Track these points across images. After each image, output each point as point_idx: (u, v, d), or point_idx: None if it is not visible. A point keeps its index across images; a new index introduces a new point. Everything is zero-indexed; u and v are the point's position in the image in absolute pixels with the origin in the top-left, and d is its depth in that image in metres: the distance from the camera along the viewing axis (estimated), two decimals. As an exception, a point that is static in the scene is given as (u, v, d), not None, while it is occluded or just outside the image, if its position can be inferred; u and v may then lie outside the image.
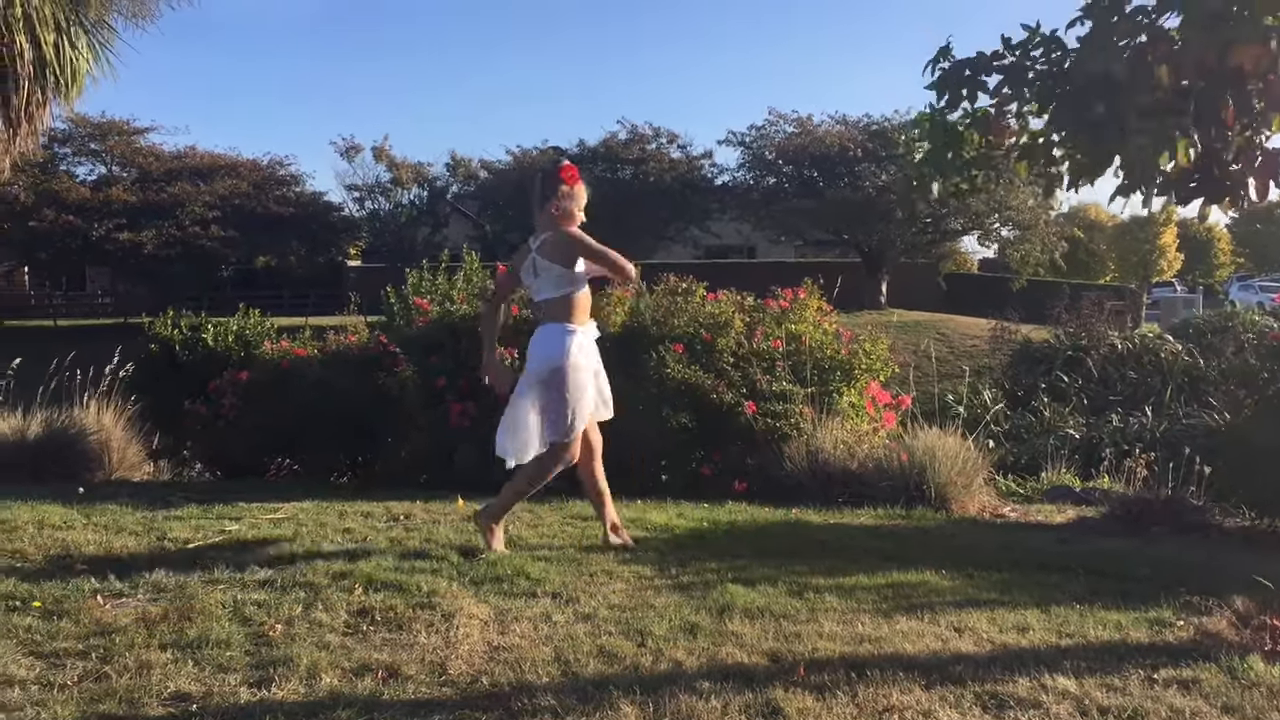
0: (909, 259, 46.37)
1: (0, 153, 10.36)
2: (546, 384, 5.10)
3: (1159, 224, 54.45)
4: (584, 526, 5.89)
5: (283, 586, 4.37)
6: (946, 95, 5.05)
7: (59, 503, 6.31)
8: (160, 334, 10.64)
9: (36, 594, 4.17)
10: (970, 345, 31.13)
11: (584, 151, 46.15)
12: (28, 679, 3.34)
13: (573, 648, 3.74)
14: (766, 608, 4.30)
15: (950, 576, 5.01)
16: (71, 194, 40.54)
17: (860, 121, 44.14)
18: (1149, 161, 4.45)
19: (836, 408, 7.89)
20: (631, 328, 8.35)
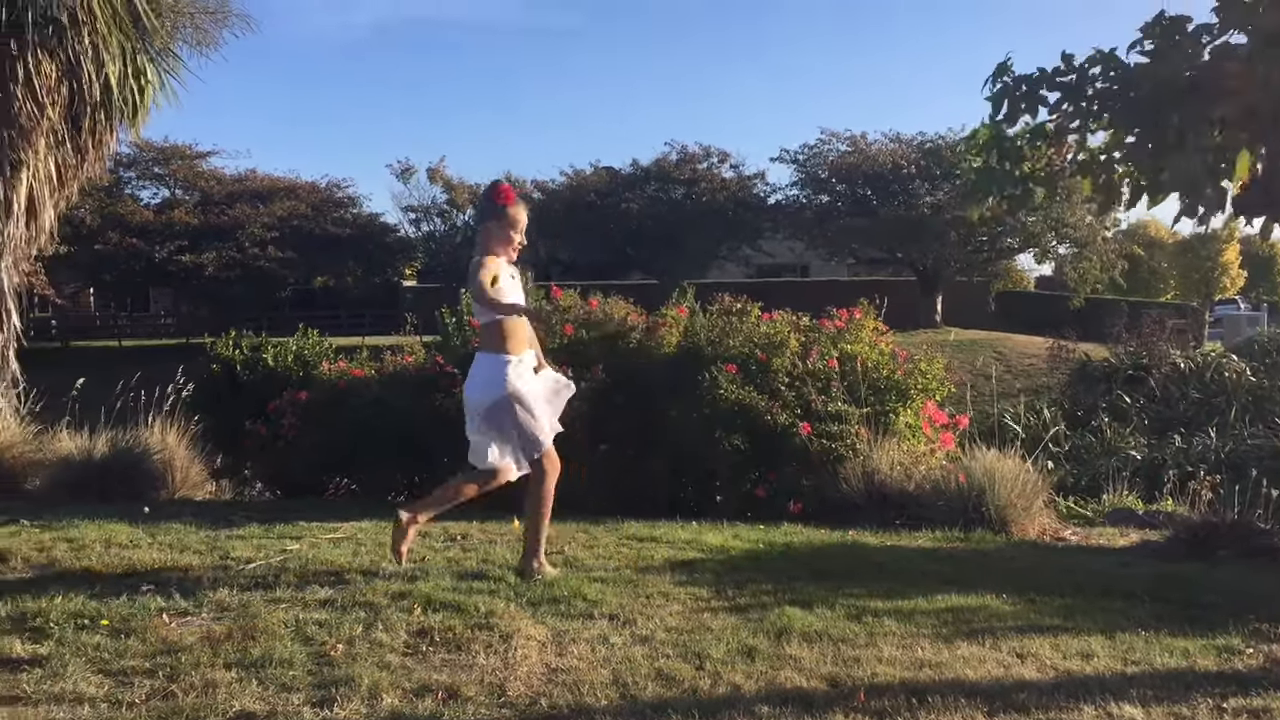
0: (964, 277, 45.94)
1: (69, 178, 10.62)
2: (491, 419, 4.97)
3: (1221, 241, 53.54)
4: (639, 548, 5.89)
5: (343, 606, 4.42)
6: (1005, 109, 5.04)
7: (125, 522, 6.43)
8: (222, 354, 10.82)
9: (104, 612, 4.25)
10: (1028, 364, 30.73)
11: (636, 171, 46.31)
12: (97, 696, 3.40)
13: (631, 670, 3.74)
14: (824, 631, 4.28)
15: (1011, 601, 4.95)
16: (136, 217, 41.42)
17: (914, 139, 43.90)
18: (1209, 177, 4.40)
19: (893, 428, 7.83)
20: (685, 348, 8.35)
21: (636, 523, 6.75)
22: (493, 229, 5.05)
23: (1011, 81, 4.92)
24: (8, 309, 10.33)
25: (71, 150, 10.45)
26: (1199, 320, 39.32)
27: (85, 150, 10.50)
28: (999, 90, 4.94)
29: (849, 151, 44.18)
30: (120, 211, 40.95)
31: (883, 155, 42.99)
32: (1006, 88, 4.94)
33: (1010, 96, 4.89)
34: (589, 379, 7.96)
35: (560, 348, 8.37)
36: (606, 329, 8.54)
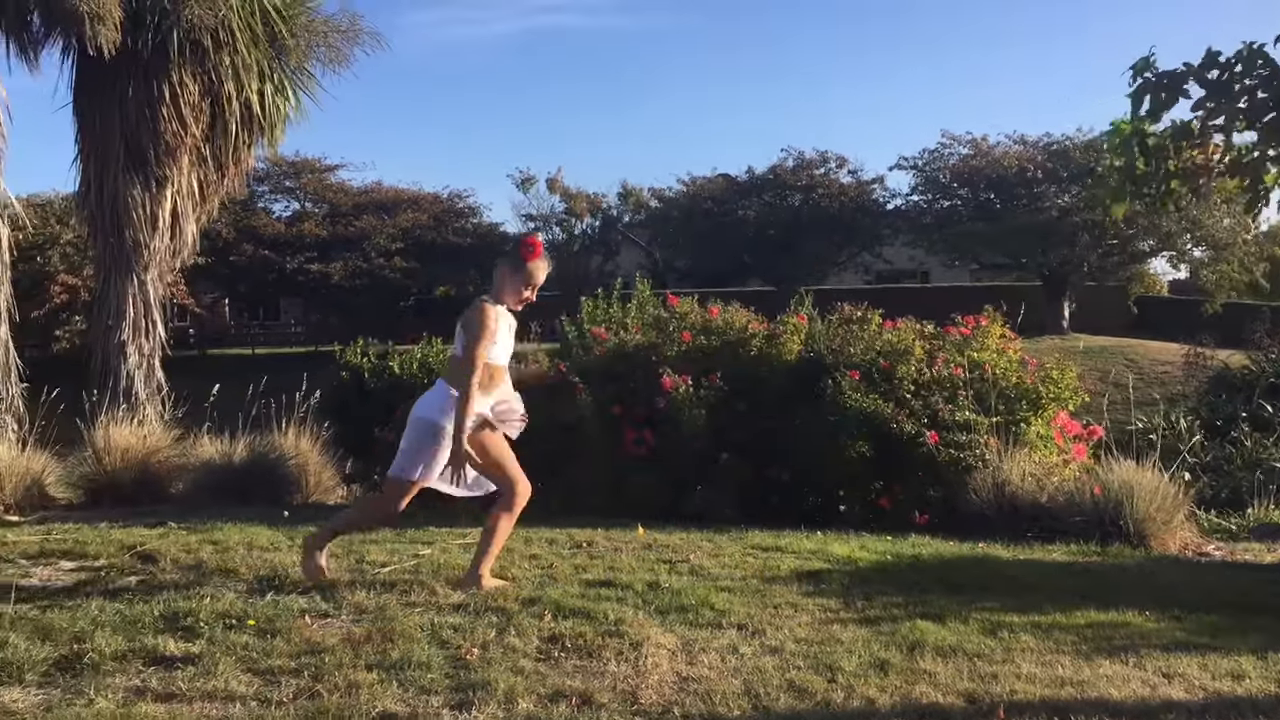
0: (1094, 281, 44.54)
1: (210, 193, 11.11)
2: (413, 429, 4.95)
3: (1371, 241, 50.76)
4: (764, 557, 5.85)
5: (476, 611, 4.50)
6: (1146, 106, 4.87)
7: (265, 525, 6.67)
8: (350, 362, 11.13)
9: (251, 613, 4.41)
10: (1161, 372, 29.64)
11: (753, 178, 46.14)
12: (247, 695, 3.53)
13: (762, 681, 3.72)
14: (959, 646, 4.19)
15: (1154, 618, 4.78)
16: (268, 229, 42.96)
17: (1040, 141, 42.73)
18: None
19: (1023, 438, 7.63)
20: (806, 356, 8.29)
21: (760, 532, 6.72)
22: (509, 275, 5.04)
23: (1154, 77, 4.76)
24: (154, 319, 10.84)
25: (213, 167, 10.93)
26: (1347, 325, 37.38)
27: (225, 166, 10.96)
28: (1139, 86, 4.78)
29: (971, 155, 43.24)
30: (254, 224, 42.52)
31: (1007, 158, 41.94)
32: (1148, 83, 4.77)
33: (1152, 92, 4.72)
34: (708, 386, 7.96)
35: (679, 355, 8.40)
36: (727, 336, 8.53)
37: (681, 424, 7.88)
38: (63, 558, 5.79)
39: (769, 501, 8.07)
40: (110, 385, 10.44)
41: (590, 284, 32.35)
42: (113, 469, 8.63)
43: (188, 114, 10.47)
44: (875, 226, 45.60)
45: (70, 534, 6.51)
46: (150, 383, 10.81)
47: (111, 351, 10.57)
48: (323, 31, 11.22)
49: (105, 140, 10.46)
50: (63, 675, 3.74)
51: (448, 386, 4.96)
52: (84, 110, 10.69)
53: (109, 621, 4.30)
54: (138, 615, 4.40)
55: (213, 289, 45.18)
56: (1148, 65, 4.84)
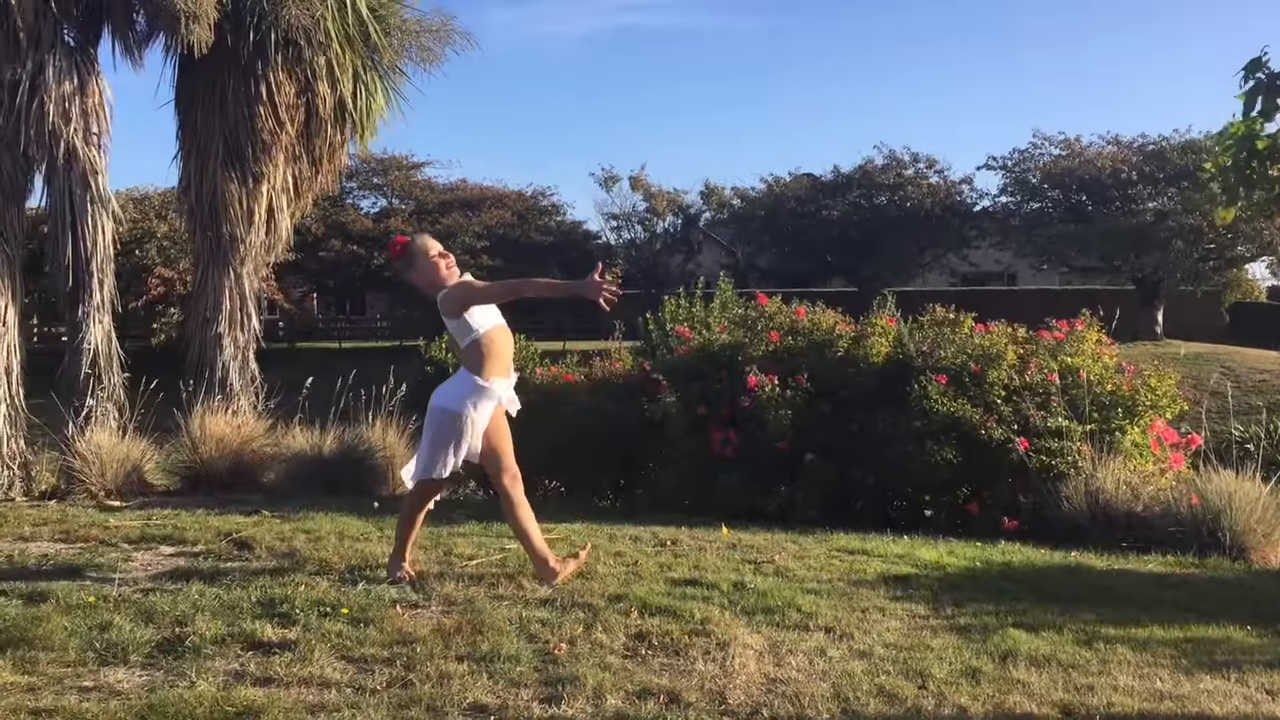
0: (1188, 286, 43.29)
1: (304, 189, 11.33)
2: (438, 424, 4.96)
3: None
4: (850, 560, 5.80)
5: (563, 606, 4.53)
6: (1259, 107, 4.72)
7: (355, 515, 6.79)
8: (434, 357, 11.31)
9: (344, 601, 4.49)
10: (1259, 380, 28.73)
11: (838, 178, 45.68)
12: (342, 681, 3.60)
13: (851, 685, 3.69)
14: (1053, 656, 4.11)
15: (1257, 633, 4.64)
16: (356, 225, 43.65)
17: (1134, 142, 41.60)
18: None
19: (1118, 446, 7.46)
20: (894, 358, 8.19)
21: (845, 535, 6.66)
22: (426, 266, 5.12)
23: (1266, 78, 4.60)
24: (248, 312, 11.08)
25: (307, 163, 11.14)
26: None
27: (319, 163, 11.17)
28: (1251, 87, 4.63)
29: (1063, 155, 42.24)
30: (342, 220, 43.26)
31: (1100, 159, 40.88)
32: (1260, 84, 4.62)
33: (1265, 94, 4.57)
34: (794, 387, 7.91)
35: (766, 355, 8.36)
36: (813, 337, 8.47)
37: (767, 424, 7.84)
38: (162, 543, 5.96)
39: (853, 504, 8.00)
40: (206, 376, 10.69)
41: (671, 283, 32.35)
42: (208, 457, 8.86)
43: (284, 112, 10.68)
44: (962, 228, 44.84)
45: (169, 519, 6.69)
46: (244, 374, 11.06)
47: (208, 343, 10.83)
48: (415, 31, 11.36)
49: (205, 137, 10.72)
50: (165, 657, 3.86)
51: (471, 375, 5.00)
52: (185, 108, 10.96)
53: (208, 606, 4.42)
54: (235, 600, 4.52)
55: (302, 283, 46.05)
56: (1260, 66, 4.69)
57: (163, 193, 35.64)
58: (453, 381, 5.12)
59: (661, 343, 9.48)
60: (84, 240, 9.65)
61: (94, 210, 9.70)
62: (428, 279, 5.11)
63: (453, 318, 5.02)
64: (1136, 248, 39.32)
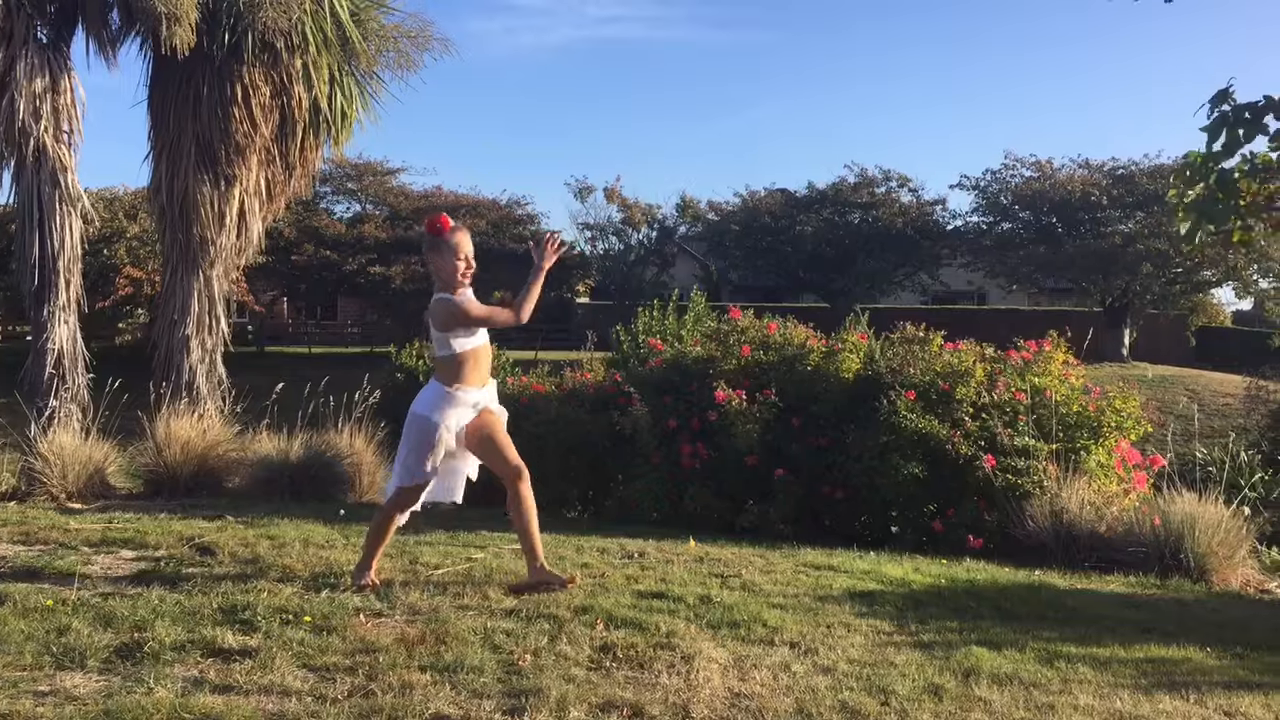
0: (1155, 310, 43.80)
1: (277, 193, 11.26)
2: (413, 430, 5.02)
3: None
4: (817, 576, 5.81)
5: (528, 617, 4.51)
6: (1222, 139, 4.78)
7: (320, 522, 6.75)
8: (405, 364, 11.30)
9: (307, 608, 4.45)
10: (1222, 404, 29.04)
11: (812, 194, 45.91)
12: (303, 690, 3.56)
13: (814, 701, 3.69)
14: (1015, 674, 4.13)
15: (1216, 655, 4.68)
16: (330, 230, 43.42)
17: (1105, 165, 42.10)
18: None
19: (1083, 466, 7.52)
20: (864, 375, 8.23)
21: (813, 550, 6.68)
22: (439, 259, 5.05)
23: (1231, 109, 4.66)
24: (217, 315, 11.00)
25: (280, 167, 11.08)
26: None
27: (293, 166, 11.11)
28: (1217, 118, 4.68)
29: (1034, 177, 42.69)
30: (316, 224, 43.02)
31: (1071, 182, 41.35)
32: (1225, 116, 4.68)
33: (1229, 126, 4.63)
34: (762, 401, 7.93)
35: (737, 369, 8.38)
36: (784, 352, 8.50)
37: (734, 437, 7.86)
38: (123, 546, 5.90)
39: (822, 520, 8.03)
40: (172, 379, 10.60)
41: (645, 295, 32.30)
42: (172, 461, 8.77)
43: (258, 114, 10.63)
44: (934, 247, 45.19)
45: (131, 523, 6.62)
46: (211, 378, 10.97)
47: (175, 345, 10.74)
48: (393, 37, 11.35)
49: (177, 137, 10.65)
50: (123, 663, 3.81)
51: (440, 384, 5.03)
52: (158, 108, 10.89)
53: (169, 611, 4.37)
54: (197, 606, 4.47)
55: (272, 287, 45.74)
56: (1226, 97, 4.74)
57: (134, 192, 35.35)
58: (426, 390, 5.12)
59: (633, 354, 9.50)
60: (51, 239, 9.56)
61: (62, 209, 9.62)
62: (442, 273, 5.06)
63: (439, 330, 5.01)
64: (1105, 270, 39.79)
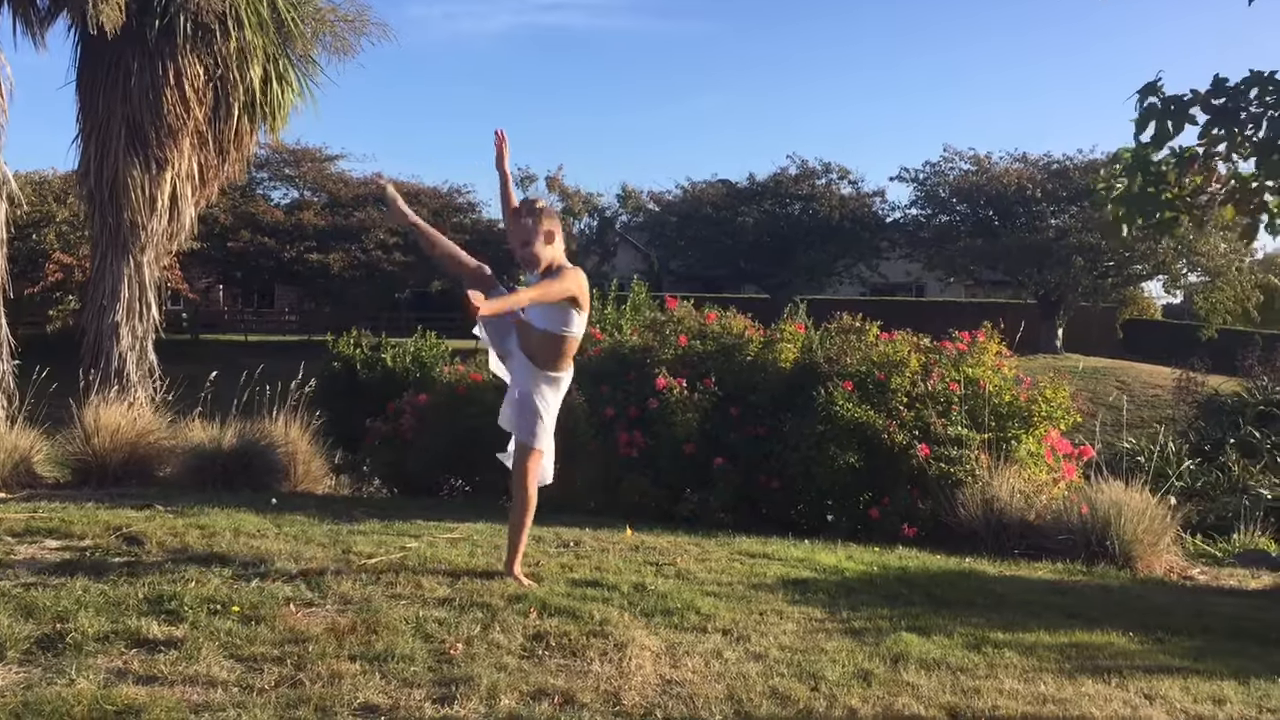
0: (1088, 302, 44.66)
1: (210, 177, 11.08)
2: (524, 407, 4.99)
3: (1366, 273, 50.98)
4: (752, 564, 5.85)
5: (461, 606, 4.49)
6: (1151, 130, 4.88)
7: (252, 511, 6.65)
8: (343, 353, 11.15)
9: (235, 598, 4.39)
10: (1152, 395, 29.71)
11: (753, 185, 46.16)
12: (229, 680, 3.51)
13: (745, 687, 3.72)
14: (943, 659, 4.19)
15: (1138, 640, 4.79)
16: (267, 216, 42.83)
17: (1040, 160, 42.82)
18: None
19: (1014, 455, 7.65)
20: (802, 364, 8.30)
21: (749, 538, 6.72)
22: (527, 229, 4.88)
23: (1160, 102, 4.76)
24: (148, 301, 10.81)
25: (214, 151, 10.90)
26: (1338, 356, 37.47)
27: (227, 151, 10.94)
28: (1146, 111, 4.78)
29: (972, 171, 43.33)
30: (252, 210, 42.40)
31: (1008, 176, 42.03)
32: (1154, 108, 4.77)
33: (1158, 118, 4.72)
34: (702, 390, 7.96)
35: (675, 358, 8.41)
36: (723, 341, 8.54)
37: (674, 426, 7.88)
38: (48, 536, 5.76)
39: (759, 508, 8.08)
40: (102, 366, 10.40)
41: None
42: (101, 450, 8.60)
43: (191, 97, 10.44)
44: (873, 239, 45.67)
45: (56, 513, 6.48)
46: (142, 365, 10.78)
47: (104, 332, 10.53)
48: (329, 20, 11.21)
49: (107, 120, 10.43)
50: (44, 654, 3.73)
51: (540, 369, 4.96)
52: (87, 89, 10.65)
53: (93, 602, 4.28)
54: (122, 597, 4.39)
55: (208, 274, 45.03)
56: (1154, 90, 4.84)
57: (63, 176, 34.54)
58: (528, 376, 4.98)
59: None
60: (-26, 222, 9.32)
61: (-13, 192, 9.38)
62: (523, 238, 4.85)
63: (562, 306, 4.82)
64: (1039, 263, 40.48)
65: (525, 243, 4.85)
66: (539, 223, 4.86)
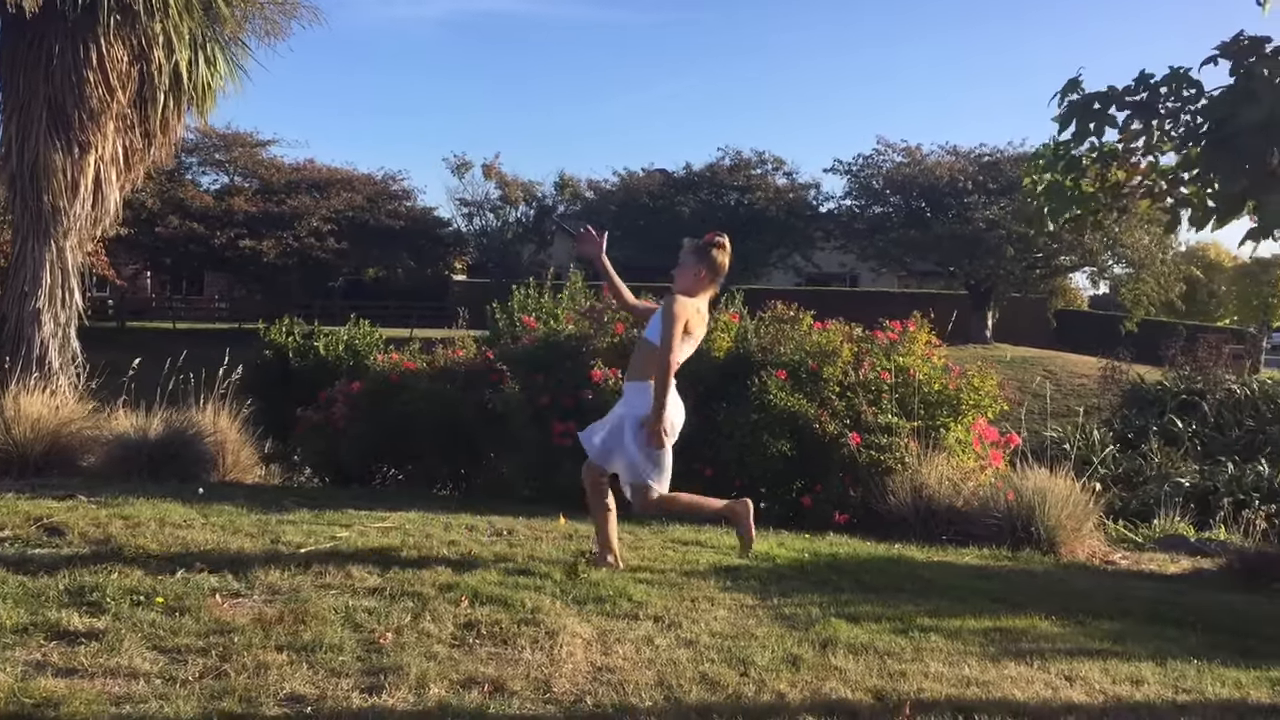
0: (1018, 293, 45.47)
1: (136, 161, 10.82)
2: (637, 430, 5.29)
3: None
4: (684, 551, 5.89)
5: (391, 595, 4.46)
6: (1073, 128, 4.97)
7: (179, 501, 6.54)
8: (275, 340, 10.99)
9: (159, 590, 4.32)
10: (1078, 384, 30.34)
11: (690, 175, 46.28)
12: (152, 672, 3.46)
13: (675, 673, 3.74)
14: (870, 644, 4.25)
15: (1060, 623, 4.89)
16: (196, 202, 41.96)
17: (972, 152, 43.48)
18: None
19: (943, 443, 7.77)
20: (736, 354, 8.34)
21: (682, 526, 6.75)
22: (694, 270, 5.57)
23: (1081, 98, 4.85)
24: (70, 287, 10.54)
25: (139, 134, 10.65)
26: (1257, 346, 38.54)
27: (153, 134, 10.69)
28: (1068, 107, 4.87)
29: (905, 163, 43.87)
30: (181, 196, 41.54)
31: (939, 168, 42.63)
32: (1075, 105, 4.87)
33: (1079, 114, 4.82)
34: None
35: (609, 347, 8.40)
36: (658, 331, 8.54)
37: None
38: (-35, 528, 5.61)
39: (692, 496, 8.10)
40: (23, 353, 10.12)
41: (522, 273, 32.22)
42: (22, 439, 8.38)
43: (115, 79, 10.17)
44: (808, 229, 46.05)
45: (-27, 504, 6.31)
46: (65, 353, 10.51)
47: (25, 319, 10.24)
48: (259, 3, 10.99)
49: (28, 101, 10.13)
50: (-41, 647, 3.64)
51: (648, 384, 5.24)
52: (7, 68, 10.34)
53: (11, 594, 4.19)
54: (41, 588, 4.29)
55: (135, 260, 44.06)
56: (1076, 86, 4.93)
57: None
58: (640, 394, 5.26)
59: (508, 332, 9.43)
60: (-114, 204, 9.02)
61: (-101, 172, 9.08)
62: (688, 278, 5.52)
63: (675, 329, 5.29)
64: (970, 254, 41.11)
65: None
66: None
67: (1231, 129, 4.33)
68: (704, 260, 5.50)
